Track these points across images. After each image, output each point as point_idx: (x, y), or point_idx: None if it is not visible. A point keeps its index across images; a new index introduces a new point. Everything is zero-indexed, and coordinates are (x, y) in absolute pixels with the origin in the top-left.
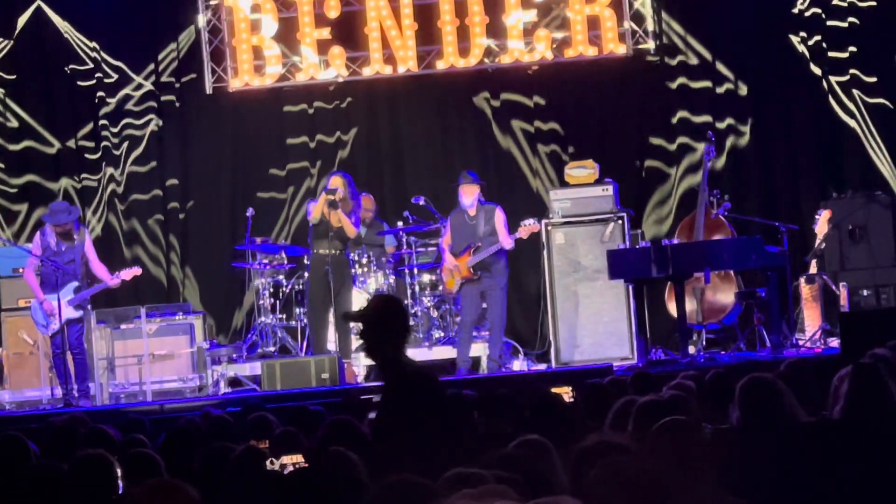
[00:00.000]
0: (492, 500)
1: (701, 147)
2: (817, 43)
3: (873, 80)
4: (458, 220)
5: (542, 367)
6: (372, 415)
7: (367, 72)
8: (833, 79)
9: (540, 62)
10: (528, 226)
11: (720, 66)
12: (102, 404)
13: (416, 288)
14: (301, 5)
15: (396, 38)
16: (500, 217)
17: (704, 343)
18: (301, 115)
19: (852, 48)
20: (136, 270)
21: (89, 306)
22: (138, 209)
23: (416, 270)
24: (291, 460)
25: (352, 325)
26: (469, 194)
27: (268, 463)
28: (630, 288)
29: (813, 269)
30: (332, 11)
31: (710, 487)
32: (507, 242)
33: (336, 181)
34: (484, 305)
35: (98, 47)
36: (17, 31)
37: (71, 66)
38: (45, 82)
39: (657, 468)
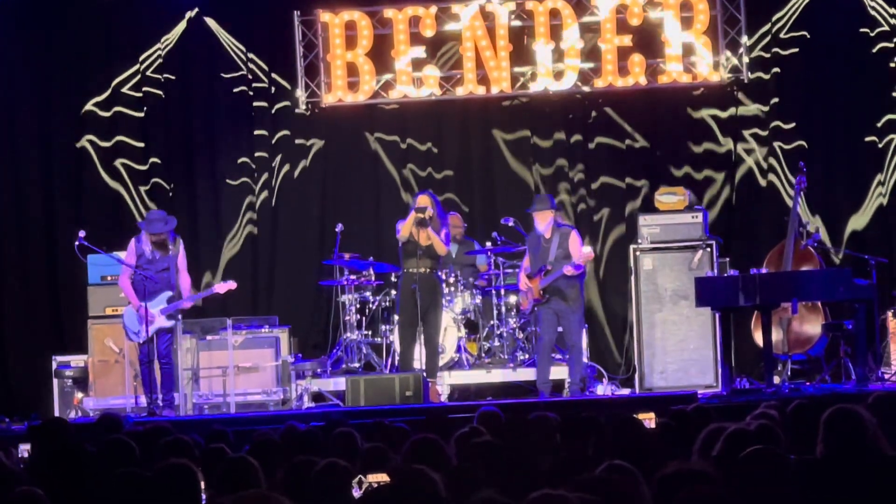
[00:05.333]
0: None
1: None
2: None
3: None
4: (533, 243)
5: (626, 392)
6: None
7: (460, 91)
8: None
9: (633, 87)
10: (584, 253)
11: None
12: (186, 415)
13: (503, 308)
14: (396, 23)
15: (491, 58)
16: (574, 240)
17: (789, 373)
18: (393, 131)
19: None
20: (231, 284)
21: (180, 317)
22: (226, 221)
23: (502, 291)
24: (376, 479)
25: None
26: (542, 220)
27: (354, 481)
28: (717, 316)
29: None
30: (428, 30)
31: None
32: (568, 269)
33: (424, 200)
34: (560, 329)
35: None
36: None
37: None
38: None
39: (741, 497)
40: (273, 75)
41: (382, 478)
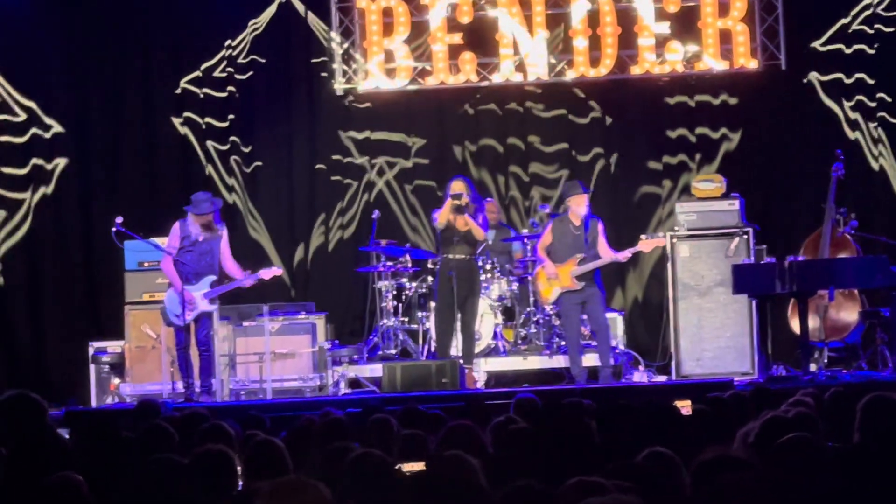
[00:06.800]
0: None
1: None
2: None
3: None
4: (562, 229)
5: (663, 379)
6: None
7: (497, 78)
8: None
9: (670, 74)
10: (652, 239)
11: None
12: (223, 401)
13: (539, 296)
14: (433, 10)
15: (528, 45)
16: (602, 230)
17: (826, 361)
18: (430, 118)
19: None
20: (277, 271)
21: (218, 302)
22: (266, 208)
23: None
24: (411, 467)
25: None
26: (582, 204)
27: (394, 467)
28: (753, 303)
29: None
30: (465, 17)
31: None
32: (622, 255)
33: (458, 185)
34: (583, 316)
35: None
36: None
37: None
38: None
39: (779, 484)
40: (312, 61)
41: (418, 466)
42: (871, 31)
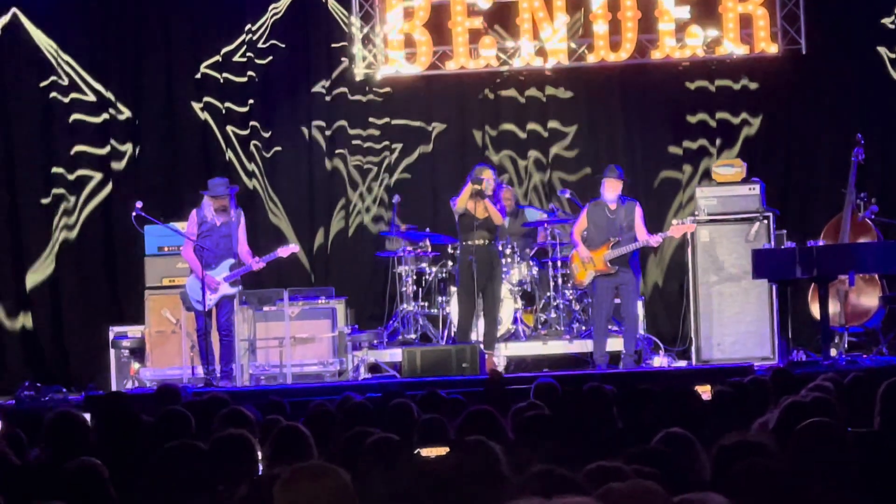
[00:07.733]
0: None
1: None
2: None
3: None
4: (596, 213)
5: (683, 364)
6: None
7: (517, 63)
8: None
9: (691, 59)
10: (683, 224)
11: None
12: (243, 385)
13: (559, 280)
14: None
15: (548, 29)
16: (639, 214)
17: (846, 346)
18: (450, 103)
19: None
20: (294, 248)
21: (240, 286)
22: (284, 192)
23: (559, 262)
24: (431, 452)
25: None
26: (613, 189)
27: (414, 452)
28: (774, 288)
29: None
30: (485, 1)
31: (850, 490)
32: (654, 240)
33: (485, 172)
34: (617, 301)
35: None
36: None
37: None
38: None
39: (799, 469)
40: (332, 46)
41: (439, 450)
42: None
